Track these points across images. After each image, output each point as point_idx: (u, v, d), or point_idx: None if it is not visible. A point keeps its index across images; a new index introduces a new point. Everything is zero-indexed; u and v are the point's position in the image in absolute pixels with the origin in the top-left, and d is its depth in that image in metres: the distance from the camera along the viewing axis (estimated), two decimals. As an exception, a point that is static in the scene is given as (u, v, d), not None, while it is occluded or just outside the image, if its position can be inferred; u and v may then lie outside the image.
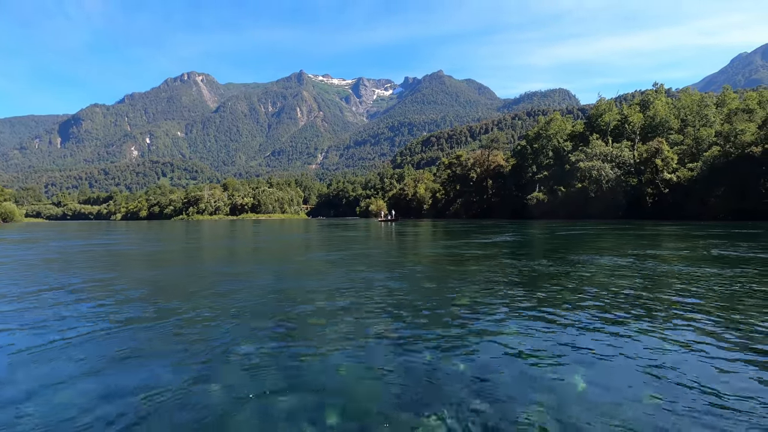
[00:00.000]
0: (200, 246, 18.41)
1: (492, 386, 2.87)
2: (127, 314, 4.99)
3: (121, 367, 3.28)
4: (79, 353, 3.60)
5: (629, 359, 3.35)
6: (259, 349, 3.61)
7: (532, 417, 2.44)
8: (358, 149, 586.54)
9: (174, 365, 3.29)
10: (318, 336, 4.04)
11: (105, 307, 5.40)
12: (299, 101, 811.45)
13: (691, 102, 56.77)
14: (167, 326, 4.41)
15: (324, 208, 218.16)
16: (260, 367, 3.22)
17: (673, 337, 3.92)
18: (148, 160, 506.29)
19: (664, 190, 48.44)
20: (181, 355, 3.51)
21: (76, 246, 17.83)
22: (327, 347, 3.69)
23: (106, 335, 4.13)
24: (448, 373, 3.09)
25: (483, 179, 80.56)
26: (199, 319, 4.69)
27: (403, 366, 3.23)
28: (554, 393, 2.78)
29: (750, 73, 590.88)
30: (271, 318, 4.70)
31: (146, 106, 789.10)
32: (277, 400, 2.67)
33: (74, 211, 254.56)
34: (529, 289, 6.31)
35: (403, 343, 3.76)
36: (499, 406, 2.59)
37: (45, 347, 3.78)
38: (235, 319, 4.68)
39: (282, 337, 3.99)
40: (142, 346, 3.77)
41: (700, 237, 17.21)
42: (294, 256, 13.08)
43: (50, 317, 4.89)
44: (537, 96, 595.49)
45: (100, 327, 4.41)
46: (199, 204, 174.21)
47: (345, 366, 3.26)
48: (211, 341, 3.87)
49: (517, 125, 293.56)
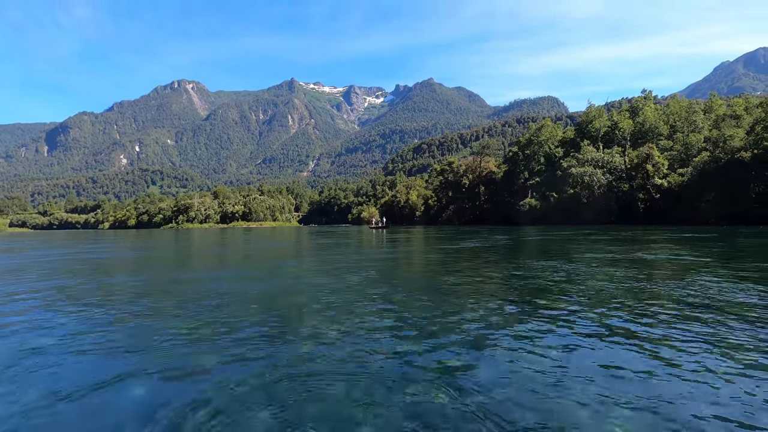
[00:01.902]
0: (175, 254, 17.73)
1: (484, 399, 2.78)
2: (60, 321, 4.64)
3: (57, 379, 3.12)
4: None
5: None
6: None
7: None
8: (350, 156, 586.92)
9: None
10: (303, 356, 3.63)
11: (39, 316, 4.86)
12: (290, 109, 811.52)
13: (680, 108, 57.48)
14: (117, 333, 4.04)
15: (316, 215, 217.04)
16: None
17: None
18: (138, 168, 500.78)
19: (655, 195, 48.70)
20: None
21: (52, 255, 17.06)
22: (310, 365, 3.39)
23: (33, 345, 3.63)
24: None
25: (475, 186, 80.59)
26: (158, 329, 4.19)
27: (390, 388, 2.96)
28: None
29: (732, 81, 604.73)
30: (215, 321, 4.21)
31: (136, 114, 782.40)
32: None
33: (61, 221, 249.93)
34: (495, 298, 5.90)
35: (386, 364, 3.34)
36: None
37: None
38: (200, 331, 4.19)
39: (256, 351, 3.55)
40: (84, 356, 3.30)
41: (656, 241, 17.05)
42: (270, 262, 12.53)
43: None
44: (526, 103, 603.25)
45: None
46: (189, 212, 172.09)
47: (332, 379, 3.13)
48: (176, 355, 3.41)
49: (507, 132, 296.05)
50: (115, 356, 3.66)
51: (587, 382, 2.97)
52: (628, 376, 3.05)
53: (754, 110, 47.16)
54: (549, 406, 2.59)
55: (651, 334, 4.11)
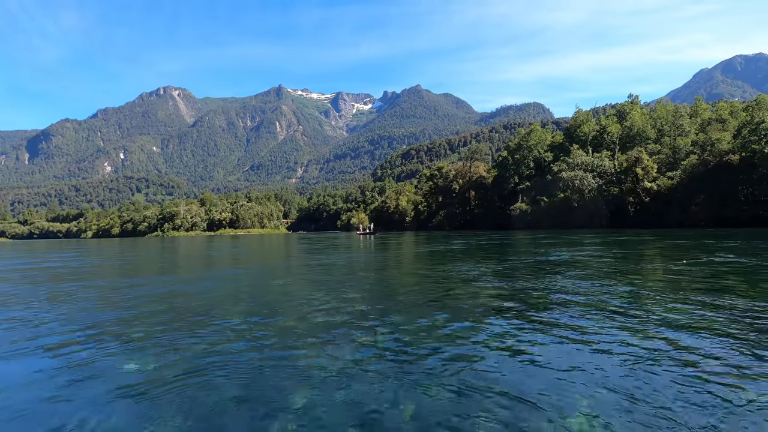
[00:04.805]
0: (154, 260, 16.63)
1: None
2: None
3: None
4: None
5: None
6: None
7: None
8: (339, 163, 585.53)
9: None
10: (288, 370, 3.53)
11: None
12: (278, 115, 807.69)
13: (666, 113, 58.09)
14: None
15: (305, 222, 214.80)
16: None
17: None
18: (122, 176, 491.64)
19: (645, 198, 48.80)
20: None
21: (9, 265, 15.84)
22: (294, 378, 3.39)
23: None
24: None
25: (465, 191, 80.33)
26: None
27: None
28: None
29: (711, 88, 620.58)
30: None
31: (120, 121, 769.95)
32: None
33: (42, 230, 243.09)
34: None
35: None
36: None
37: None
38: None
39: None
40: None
41: (620, 243, 16.57)
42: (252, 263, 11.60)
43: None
44: (513, 110, 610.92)
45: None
46: (175, 220, 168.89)
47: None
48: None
49: (495, 138, 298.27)
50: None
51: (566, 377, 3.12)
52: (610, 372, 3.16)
53: (740, 114, 47.73)
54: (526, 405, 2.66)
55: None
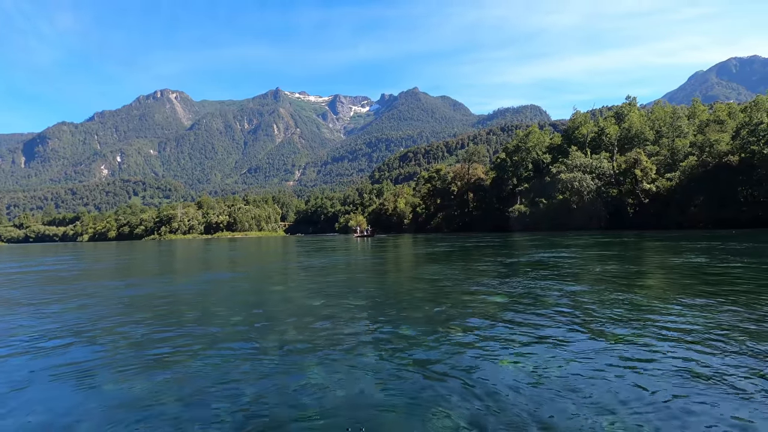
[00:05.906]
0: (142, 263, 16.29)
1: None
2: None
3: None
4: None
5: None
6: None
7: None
8: (336, 165, 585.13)
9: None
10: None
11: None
12: (276, 118, 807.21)
13: (664, 114, 58.08)
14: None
15: (302, 224, 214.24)
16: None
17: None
18: (119, 179, 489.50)
19: (644, 200, 48.71)
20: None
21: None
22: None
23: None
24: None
25: (464, 192, 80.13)
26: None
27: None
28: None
29: (706, 90, 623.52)
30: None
31: (117, 124, 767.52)
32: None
33: (38, 233, 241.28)
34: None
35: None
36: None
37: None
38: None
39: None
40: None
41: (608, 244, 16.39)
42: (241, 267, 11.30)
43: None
44: (509, 112, 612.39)
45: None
46: (172, 223, 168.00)
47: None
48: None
49: (492, 140, 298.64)
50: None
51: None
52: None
53: (738, 115, 47.77)
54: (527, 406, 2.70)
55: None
